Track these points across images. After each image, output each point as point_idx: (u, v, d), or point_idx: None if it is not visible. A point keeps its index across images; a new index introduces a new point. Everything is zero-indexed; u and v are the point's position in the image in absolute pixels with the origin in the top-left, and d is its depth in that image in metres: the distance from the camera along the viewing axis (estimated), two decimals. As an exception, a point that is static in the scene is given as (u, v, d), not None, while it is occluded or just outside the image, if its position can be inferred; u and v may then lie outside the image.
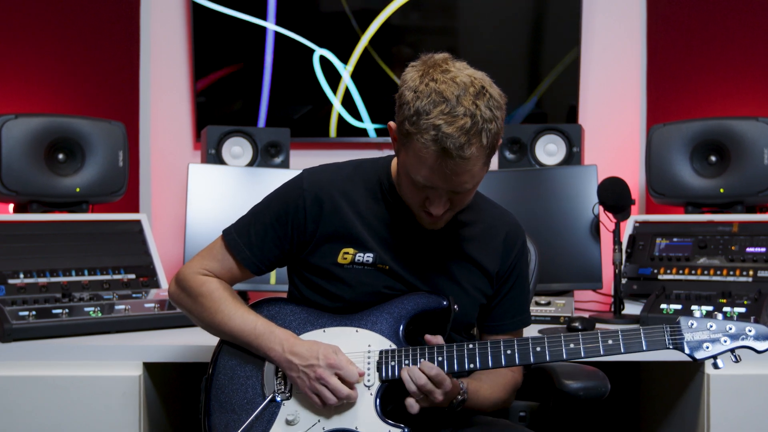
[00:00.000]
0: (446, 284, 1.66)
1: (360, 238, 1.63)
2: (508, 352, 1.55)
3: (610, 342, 1.52)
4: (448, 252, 1.67)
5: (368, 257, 1.63)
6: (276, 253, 1.68)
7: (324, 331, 1.65)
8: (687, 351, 1.51)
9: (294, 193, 1.66)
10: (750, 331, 1.50)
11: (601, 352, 1.52)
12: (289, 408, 1.60)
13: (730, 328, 1.51)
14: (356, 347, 1.61)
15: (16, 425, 2.04)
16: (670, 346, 1.51)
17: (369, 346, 1.61)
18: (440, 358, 1.55)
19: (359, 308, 1.64)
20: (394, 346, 1.60)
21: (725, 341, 1.51)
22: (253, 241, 1.67)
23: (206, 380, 1.67)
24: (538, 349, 1.54)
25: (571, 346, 1.53)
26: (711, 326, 1.52)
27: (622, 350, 1.51)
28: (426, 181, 1.49)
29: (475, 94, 1.44)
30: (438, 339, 1.58)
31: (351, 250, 1.63)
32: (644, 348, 1.51)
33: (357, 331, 1.63)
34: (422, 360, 1.54)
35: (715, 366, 1.51)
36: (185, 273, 1.71)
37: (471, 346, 1.56)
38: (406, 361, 1.56)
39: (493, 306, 1.74)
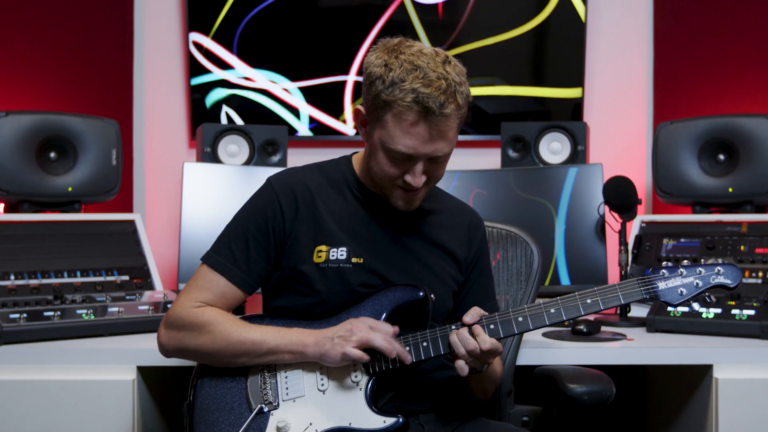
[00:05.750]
0: (421, 272, 1.69)
1: (332, 233, 1.65)
2: (491, 326, 1.57)
3: (588, 301, 1.57)
4: (419, 239, 1.71)
5: (342, 252, 1.64)
6: (264, 264, 1.66)
7: None
8: (663, 298, 1.57)
9: (268, 199, 1.67)
10: (719, 270, 1.58)
11: (582, 312, 1.57)
12: (278, 416, 1.58)
13: (700, 271, 1.58)
14: None
15: (6, 431, 2.01)
16: (646, 296, 1.57)
17: None
18: (425, 344, 1.58)
19: (337, 310, 1.64)
20: None
21: (697, 284, 1.57)
22: (238, 257, 1.65)
23: (188, 405, 1.65)
24: (520, 319, 1.58)
25: (552, 311, 1.58)
26: (682, 272, 1.58)
27: (602, 306, 1.57)
28: (407, 149, 1.54)
29: (442, 62, 1.54)
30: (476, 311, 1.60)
31: (324, 247, 1.64)
32: (622, 301, 1.57)
33: None
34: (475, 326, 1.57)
35: (691, 308, 1.59)
36: (177, 312, 1.64)
37: (454, 327, 1.59)
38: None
39: (464, 296, 1.77)
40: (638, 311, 2.43)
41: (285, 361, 1.59)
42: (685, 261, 1.61)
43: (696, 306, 1.59)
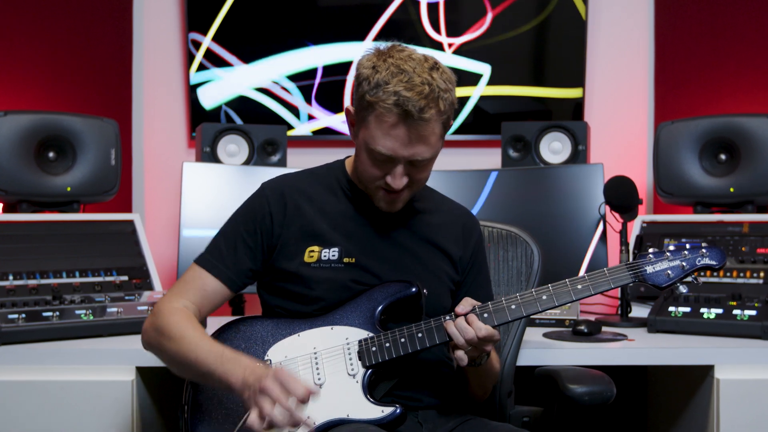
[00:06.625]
0: (415, 268, 1.71)
1: (324, 235, 1.67)
2: (485, 315, 1.60)
3: (579, 287, 1.61)
4: (412, 237, 1.73)
5: (334, 252, 1.67)
6: (249, 264, 1.69)
7: (299, 335, 1.66)
8: (651, 281, 1.62)
9: (258, 202, 1.72)
10: (704, 252, 1.63)
11: (573, 297, 1.61)
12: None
13: (686, 254, 1.63)
14: (334, 343, 1.63)
15: (5, 431, 2.01)
16: (635, 280, 1.62)
17: (347, 339, 1.63)
18: (420, 334, 1.60)
19: (331, 308, 1.67)
20: (371, 334, 1.63)
21: (684, 266, 1.63)
22: (224, 254, 1.69)
23: (183, 405, 1.65)
24: (513, 307, 1.61)
25: (544, 297, 1.61)
26: (668, 255, 1.63)
27: (592, 291, 1.61)
28: (386, 150, 1.56)
29: (430, 68, 1.56)
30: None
31: (316, 248, 1.67)
32: (612, 286, 1.61)
33: (332, 328, 1.65)
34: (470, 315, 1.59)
35: (678, 291, 1.64)
36: (161, 309, 1.65)
37: (448, 317, 1.61)
38: (387, 344, 1.60)
39: (462, 296, 1.75)
40: (639, 311, 2.43)
41: (217, 388, 1.57)
42: (671, 246, 1.64)
43: (682, 288, 1.63)
